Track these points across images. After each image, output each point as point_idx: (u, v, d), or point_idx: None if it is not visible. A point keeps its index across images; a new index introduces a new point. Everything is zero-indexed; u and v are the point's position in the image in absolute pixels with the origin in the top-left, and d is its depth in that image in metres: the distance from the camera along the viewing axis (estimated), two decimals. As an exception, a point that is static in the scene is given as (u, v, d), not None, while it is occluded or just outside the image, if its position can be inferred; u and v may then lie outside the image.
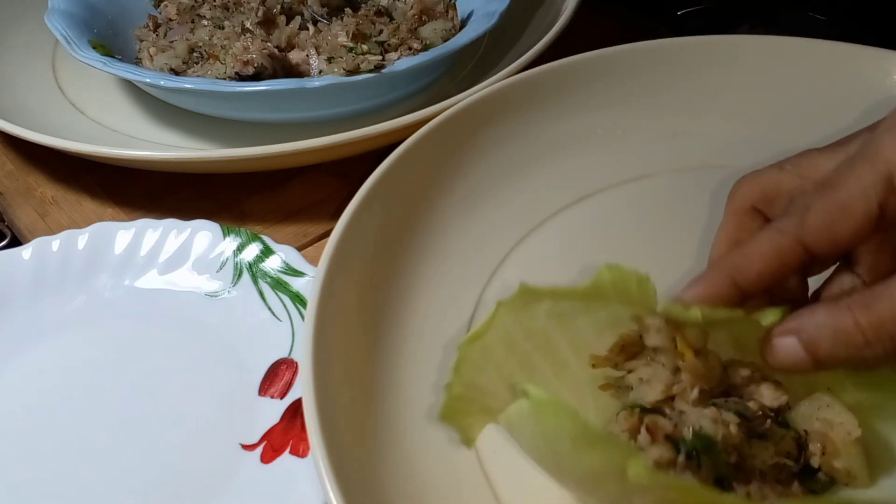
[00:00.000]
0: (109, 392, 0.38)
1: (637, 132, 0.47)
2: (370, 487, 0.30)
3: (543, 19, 0.60)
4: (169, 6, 0.59)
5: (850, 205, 0.25)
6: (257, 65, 0.49)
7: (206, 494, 0.34)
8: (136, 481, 0.34)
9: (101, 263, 0.43)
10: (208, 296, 0.42)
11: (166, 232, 0.44)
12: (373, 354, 0.35)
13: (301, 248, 0.45)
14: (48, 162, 0.53)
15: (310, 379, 0.31)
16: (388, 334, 0.37)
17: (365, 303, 0.37)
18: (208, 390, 0.38)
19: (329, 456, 0.28)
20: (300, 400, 0.36)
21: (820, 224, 0.26)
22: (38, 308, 0.42)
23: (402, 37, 0.53)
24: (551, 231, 0.42)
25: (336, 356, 0.33)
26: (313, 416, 0.30)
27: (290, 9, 0.55)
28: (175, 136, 0.53)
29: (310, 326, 0.33)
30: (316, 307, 0.33)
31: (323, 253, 0.36)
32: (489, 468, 0.32)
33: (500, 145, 0.45)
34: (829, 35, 0.47)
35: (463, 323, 0.38)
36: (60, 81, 0.58)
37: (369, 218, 0.39)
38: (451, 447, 0.33)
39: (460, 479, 0.32)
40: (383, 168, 0.40)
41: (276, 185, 0.50)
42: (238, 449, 0.35)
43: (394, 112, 0.48)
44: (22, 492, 0.34)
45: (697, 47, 0.48)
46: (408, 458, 0.32)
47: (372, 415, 0.33)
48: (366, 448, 0.32)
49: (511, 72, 0.48)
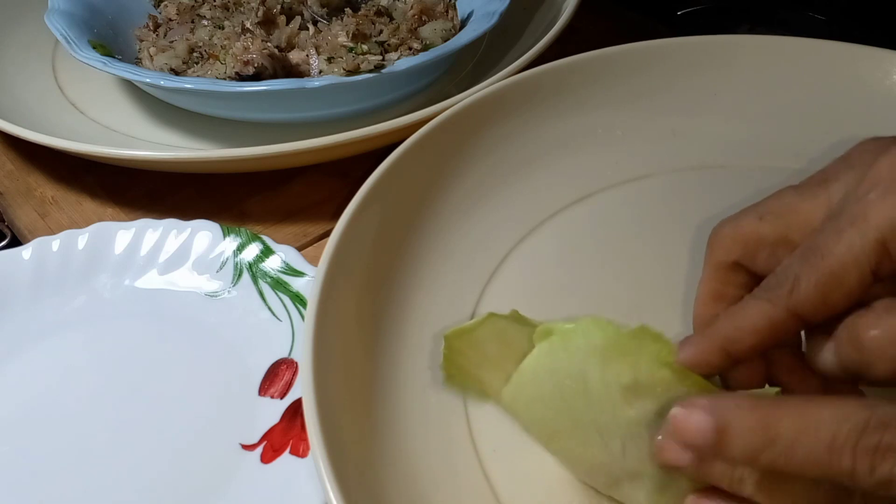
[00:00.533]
0: (109, 392, 0.38)
1: (637, 132, 0.47)
2: (370, 487, 0.30)
3: (543, 19, 0.60)
4: (169, 6, 0.59)
5: (843, 275, 0.25)
6: (258, 65, 0.49)
7: (206, 494, 0.34)
8: (136, 481, 0.34)
9: (101, 263, 0.43)
10: (208, 296, 0.42)
11: (166, 232, 0.44)
12: (373, 354, 0.35)
13: (301, 248, 0.45)
14: (48, 162, 0.53)
15: (310, 379, 0.31)
16: (388, 334, 0.37)
17: (365, 303, 0.37)
18: (208, 390, 0.38)
19: (329, 456, 0.28)
20: (300, 400, 0.36)
21: (812, 294, 0.25)
22: (38, 308, 0.42)
23: (402, 37, 0.53)
24: (551, 231, 0.42)
25: (336, 356, 0.33)
26: (313, 416, 0.30)
27: (290, 9, 0.55)
28: (175, 136, 0.53)
29: (310, 326, 0.33)
30: (316, 307, 0.33)
31: (323, 253, 0.36)
32: (489, 468, 0.32)
33: (500, 145, 0.45)
34: (829, 35, 0.47)
35: (463, 322, 0.38)
36: (60, 81, 0.58)
37: (369, 218, 0.39)
38: (451, 447, 0.33)
39: (460, 479, 0.32)
40: (383, 168, 0.40)
41: (276, 185, 0.51)
42: (238, 449, 0.35)
43: (394, 112, 0.48)
44: (22, 492, 0.34)
45: (697, 47, 0.48)
46: (408, 458, 0.32)
47: (372, 415, 0.33)
48: (366, 448, 0.32)
49: (511, 72, 0.48)
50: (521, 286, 0.40)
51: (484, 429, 0.33)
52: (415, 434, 0.33)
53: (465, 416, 0.34)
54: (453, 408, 0.34)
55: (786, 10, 0.65)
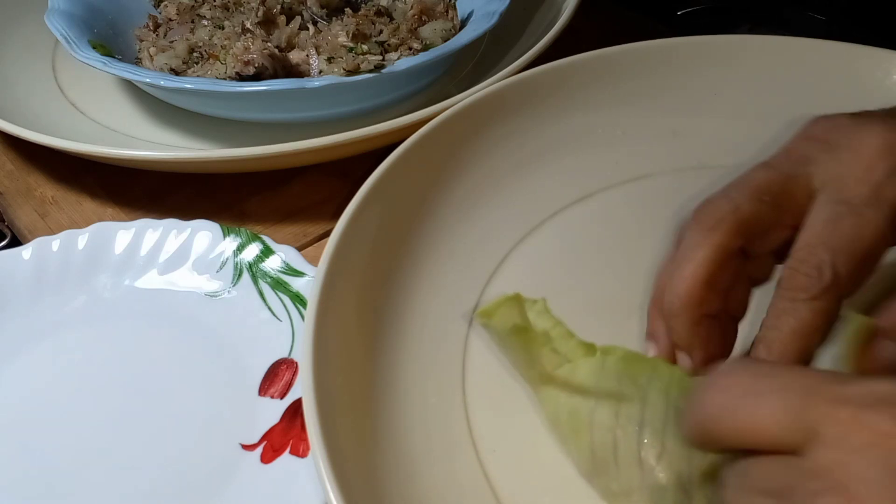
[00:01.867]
0: (109, 392, 0.38)
1: (637, 132, 0.47)
2: (370, 488, 0.30)
3: (543, 19, 0.60)
4: (169, 6, 0.59)
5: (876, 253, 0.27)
6: (258, 65, 0.49)
7: (206, 494, 0.34)
8: (136, 481, 0.34)
9: (101, 263, 0.43)
10: (208, 296, 0.42)
11: (166, 232, 0.44)
12: (373, 354, 0.35)
13: (301, 248, 0.45)
14: (48, 162, 0.53)
15: (310, 379, 0.31)
16: (389, 334, 0.37)
17: (365, 302, 0.37)
18: (208, 390, 0.38)
19: (329, 456, 0.28)
20: (300, 400, 0.36)
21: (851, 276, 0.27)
22: (38, 308, 0.42)
23: (402, 37, 0.53)
24: (551, 231, 0.42)
25: (336, 356, 0.33)
26: (313, 416, 0.30)
27: (290, 9, 0.55)
28: (175, 136, 0.53)
29: (310, 326, 0.33)
30: (316, 307, 0.33)
31: (323, 253, 0.36)
32: (489, 468, 0.32)
33: (501, 145, 0.45)
34: (829, 35, 0.47)
35: (463, 322, 0.38)
36: (60, 81, 0.58)
37: (369, 218, 0.39)
38: (451, 447, 0.33)
39: (460, 479, 0.32)
40: (383, 168, 0.40)
41: (276, 185, 0.51)
42: (238, 449, 0.35)
43: (394, 112, 0.48)
44: (21, 491, 0.34)
45: (697, 47, 0.48)
46: (408, 458, 0.32)
47: (372, 415, 0.33)
48: (366, 448, 0.32)
49: (511, 72, 0.48)
50: (522, 286, 0.39)
51: (484, 429, 0.33)
52: (415, 434, 0.33)
53: (465, 417, 0.34)
54: (453, 408, 0.34)
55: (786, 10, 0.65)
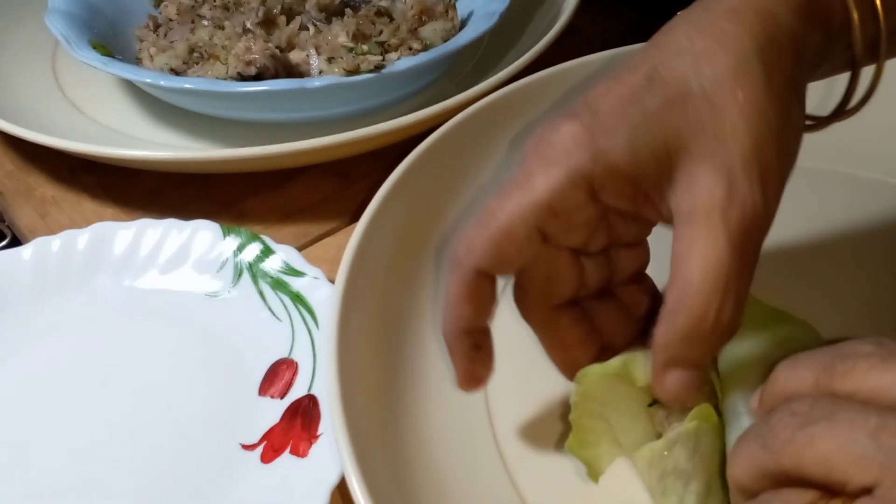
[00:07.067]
0: (109, 392, 0.38)
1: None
2: (396, 489, 0.30)
3: (543, 19, 0.60)
4: (169, 6, 0.59)
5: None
6: (260, 65, 0.49)
7: (206, 494, 0.34)
8: (136, 481, 0.34)
9: (101, 263, 0.43)
10: (208, 296, 0.42)
11: (166, 232, 0.44)
12: (395, 357, 0.36)
13: (301, 248, 0.45)
14: (48, 162, 0.53)
15: (336, 385, 0.31)
16: (410, 340, 0.37)
17: (386, 307, 0.37)
18: (208, 390, 0.38)
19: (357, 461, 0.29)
20: (300, 400, 0.37)
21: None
22: (38, 308, 0.42)
23: (402, 37, 0.53)
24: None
25: (358, 362, 0.34)
26: (339, 418, 0.30)
27: (290, 9, 0.55)
28: (175, 136, 0.53)
29: (332, 334, 0.33)
30: (339, 310, 0.34)
31: (344, 253, 0.36)
32: (516, 476, 0.32)
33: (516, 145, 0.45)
34: (829, 35, 0.47)
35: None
36: (60, 81, 0.58)
37: (389, 220, 0.39)
38: (476, 456, 0.33)
39: (486, 485, 0.32)
40: (405, 165, 0.41)
41: (276, 185, 0.51)
42: (238, 449, 0.35)
43: (394, 112, 0.48)
44: (21, 492, 0.34)
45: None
46: (433, 466, 0.32)
47: (395, 419, 0.33)
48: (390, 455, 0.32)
49: (511, 72, 0.48)
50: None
51: (509, 436, 0.33)
52: (439, 440, 0.33)
53: (489, 425, 0.34)
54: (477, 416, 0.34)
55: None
